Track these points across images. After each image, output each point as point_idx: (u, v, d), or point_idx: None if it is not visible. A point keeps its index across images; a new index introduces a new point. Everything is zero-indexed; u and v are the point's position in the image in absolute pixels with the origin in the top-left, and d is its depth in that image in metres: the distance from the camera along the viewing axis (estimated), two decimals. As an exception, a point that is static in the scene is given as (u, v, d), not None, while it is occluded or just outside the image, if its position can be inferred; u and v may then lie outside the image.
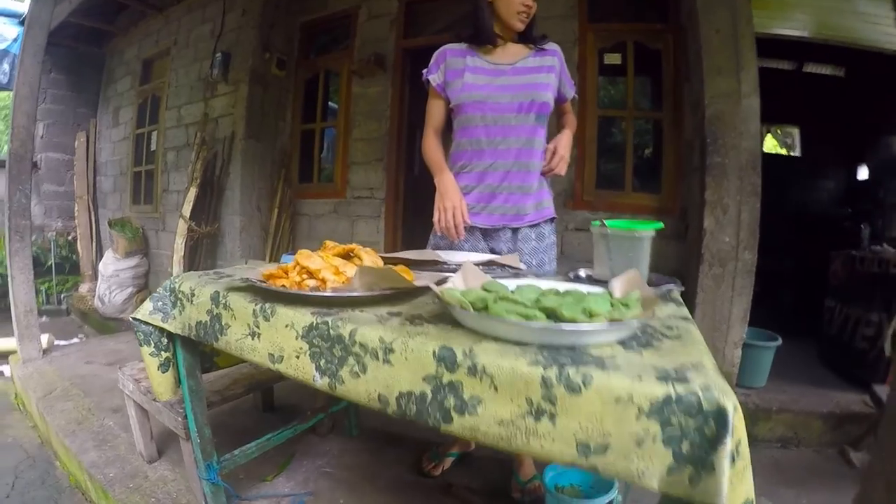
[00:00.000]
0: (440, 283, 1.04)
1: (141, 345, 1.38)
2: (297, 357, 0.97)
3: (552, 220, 1.86)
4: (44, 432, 2.49)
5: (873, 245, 3.55)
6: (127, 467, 2.01)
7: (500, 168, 1.73)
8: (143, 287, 5.17)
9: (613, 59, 3.48)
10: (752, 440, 2.86)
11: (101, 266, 5.13)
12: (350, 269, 1.13)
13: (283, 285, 1.08)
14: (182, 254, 4.23)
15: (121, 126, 5.89)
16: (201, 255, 4.35)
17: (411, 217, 4.02)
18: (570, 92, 1.86)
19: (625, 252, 1.21)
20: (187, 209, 4.16)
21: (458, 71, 1.74)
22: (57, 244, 5.91)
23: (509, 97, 1.70)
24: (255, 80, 4.17)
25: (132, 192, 5.57)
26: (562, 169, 1.75)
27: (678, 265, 3.17)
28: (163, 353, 1.39)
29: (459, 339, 0.83)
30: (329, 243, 1.33)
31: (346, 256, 1.27)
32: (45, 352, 3.30)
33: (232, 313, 1.12)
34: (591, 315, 0.83)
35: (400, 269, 1.20)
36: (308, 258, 1.12)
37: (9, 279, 3.16)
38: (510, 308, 0.85)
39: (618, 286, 1.00)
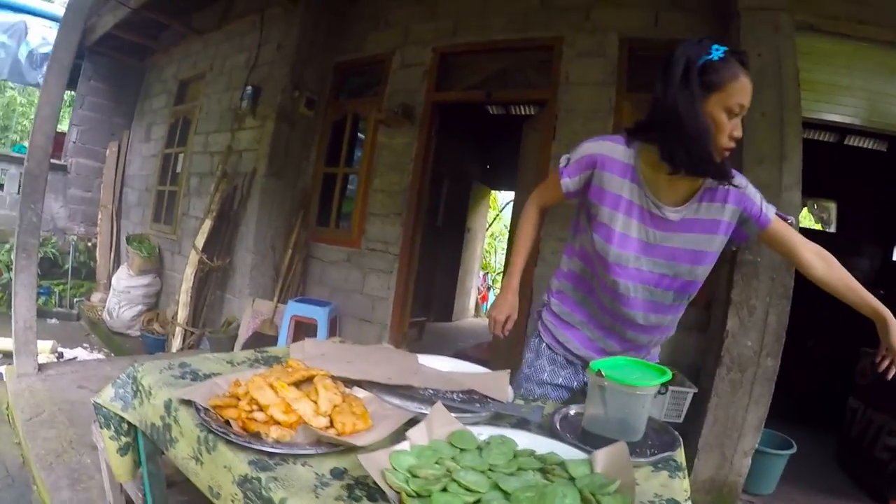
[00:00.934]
0: (408, 424, 0.98)
1: (101, 427, 1.33)
2: (233, 502, 0.90)
3: None
4: (26, 453, 2.50)
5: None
6: (95, 515, 1.98)
7: (616, 332, 1.47)
8: (154, 306, 5.19)
9: (650, 132, 3.36)
10: (750, 554, 2.74)
11: (114, 280, 5.18)
12: (303, 405, 1.03)
13: (228, 419, 0.99)
14: (191, 283, 4.22)
15: (152, 142, 5.98)
16: (210, 287, 4.33)
17: (428, 271, 3.94)
18: (769, 217, 1.35)
19: (621, 406, 1.10)
20: (200, 240, 4.15)
21: (611, 199, 1.33)
22: (77, 248, 5.98)
23: (652, 264, 1.35)
24: (282, 117, 4.14)
25: (154, 209, 5.63)
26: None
27: (696, 359, 3.02)
28: (122, 437, 1.33)
29: (396, 534, 0.76)
30: (292, 363, 1.23)
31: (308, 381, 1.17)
32: (40, 367, 3.29)
33: (180, 429, 1.06)
34: None
35: (355, 408, 1.08)
36: (259, 389, 1.03)
37: (12, 294, 3.19)
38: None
39: (600, 460, 0.92)
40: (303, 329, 3.72)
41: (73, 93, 6.44)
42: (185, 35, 5.63)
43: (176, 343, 4.31)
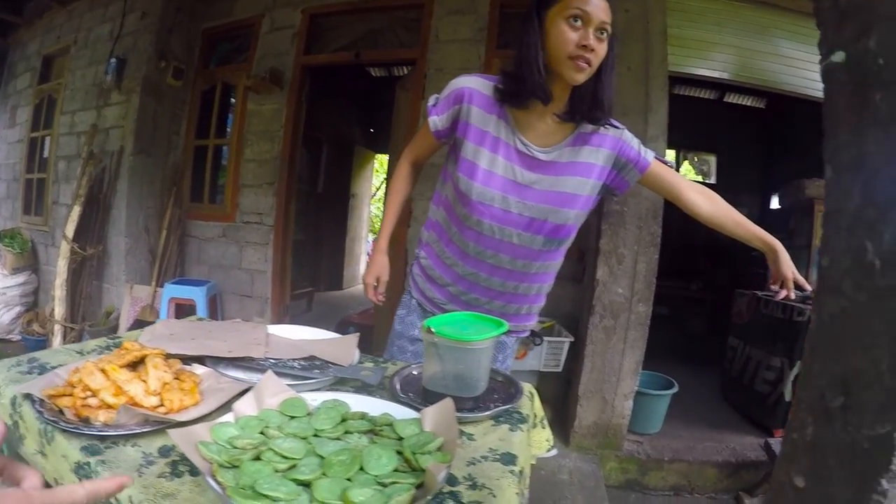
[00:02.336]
0: (237, 396, 0.98)
1: None
2: None
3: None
4: None
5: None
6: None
7: (481, 283, 1.39)
8: (33, 305, 4.78)
9: (520, 90, 3.35)
10: (643, 489, 2.83)
11: (-14, 282, 4.73)
12: (134, 386, 1.01)
13: (61, 408, 0.97)
14: (65, 277, 3.90)
15: (17, 127, 5.45)
16: (86, 278, 4.03)
17: (313, 241, 3.82)
18: (647, 160, 1.34)
19: (455, 362, 1.07)
20: (70, 228, 3.83)
21: (476, 133, 1.28)
22: (-54, 252, 5.43)
23: (521, 206, 1.29)
24: (148, 90, 3.87)
25: (24, 200, 5.15)
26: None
27: (573, 309, 3.08)
28: None
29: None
30: (128, 346, 1.18)
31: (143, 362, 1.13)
32: None
33: (26, 425, 1.02)
34: (347, 502, 0.70)
35: (185, 384, 1.07)
36: (90, 375, 1.01)
37: None
38: (266, 473, 0.74)
39: (428, 418, 0.91)
40: (184, 311, 3.53)
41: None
42: (49, 6, 5.10)
43: (56, 342, 3.99)
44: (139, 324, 3.68)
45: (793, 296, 1.38)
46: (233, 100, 4.15)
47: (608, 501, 2.52)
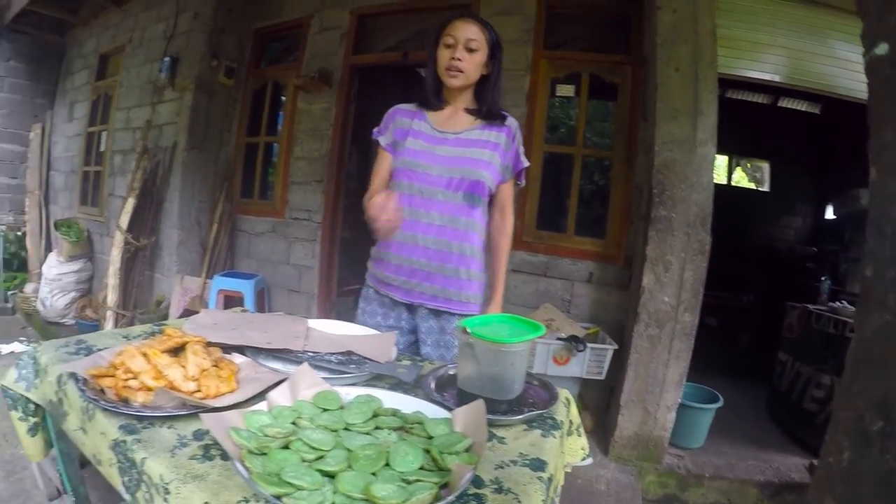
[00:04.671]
0: (273, 387, 1.01)
1: (10, 409, 1.31)
2: (110, 466, 0.93)
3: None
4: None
5: (832, 301, 3.39)
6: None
7: (419, 243, 1.61)
8: (87, 292, 4.99)
9: (566, 90, 3.32)
10: (682, 505, 2.77)
11: (44, 268, 4.95)
12: (174, 371, 1.06)
13: (103, 388, 1.02)
14: (118, 266, 4.06)
15: (75, 121, 5.69)
16: (138, 267, 4.18)
17: (361, 238, 3.84)
18: (509, 173, 1.68)
19: (491, 363, 1.07)
20: (125, 220, 3.99)
21: (404, 131, 1.67)
22: (6, 239, 5.70)
23: (440, 169, 1.60)
24: (200, 88, 3.99)
25: (81, 191, 5.39)
26: None
27: (619, 316, 3.03)
28: (31, 418, 1.31)
29: (229, 492, 0.75)
30: (169, 332, 1.23)
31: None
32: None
33: (70, 402, 1.08)
34: (369, 496, 0.71)
35: (222, 371, 1.10)
36: (132, 358, 1.06)
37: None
38: (293, 462, 0.76)
39: (459, 419, 0.92)
40: (233, 303, 3.63)
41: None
42: (104, 6, 5.32)
43: (108, 327, 4.17)
44: (188, 314, 3.80)
45: None
46: (283, 98, 4.23)
47: (644, 516, 2.47)
